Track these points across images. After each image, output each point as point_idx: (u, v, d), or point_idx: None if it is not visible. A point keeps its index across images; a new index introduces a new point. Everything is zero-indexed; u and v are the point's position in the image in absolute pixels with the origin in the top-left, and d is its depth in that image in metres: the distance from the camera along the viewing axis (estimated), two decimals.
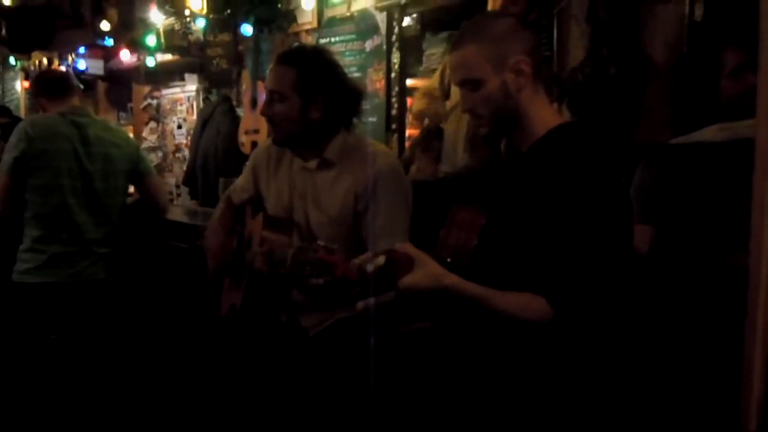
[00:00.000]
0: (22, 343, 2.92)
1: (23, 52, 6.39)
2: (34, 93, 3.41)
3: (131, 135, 6.34)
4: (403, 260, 1.49)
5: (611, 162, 1.56)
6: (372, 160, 2.12)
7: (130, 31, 4.78)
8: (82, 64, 5.70)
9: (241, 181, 2.45)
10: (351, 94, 2.20)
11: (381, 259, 1.42)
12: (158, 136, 6.18)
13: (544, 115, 1.64)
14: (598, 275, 1.48)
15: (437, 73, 3.41)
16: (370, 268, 1.40)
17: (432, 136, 3.36)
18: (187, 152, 5.58)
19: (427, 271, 1.48)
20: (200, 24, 4.41)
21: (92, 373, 2.95)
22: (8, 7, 5.80)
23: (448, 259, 1.58)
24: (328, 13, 4.54)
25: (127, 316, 3.11)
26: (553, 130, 1.61)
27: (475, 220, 1.62)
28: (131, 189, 3.22)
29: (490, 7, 3.14)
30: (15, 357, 2.93)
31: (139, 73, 5.71)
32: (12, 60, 7.06)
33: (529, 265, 1.52)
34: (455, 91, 3.07)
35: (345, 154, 2.17)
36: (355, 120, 2.23)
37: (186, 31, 4.61)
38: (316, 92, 2.11)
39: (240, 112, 4.87)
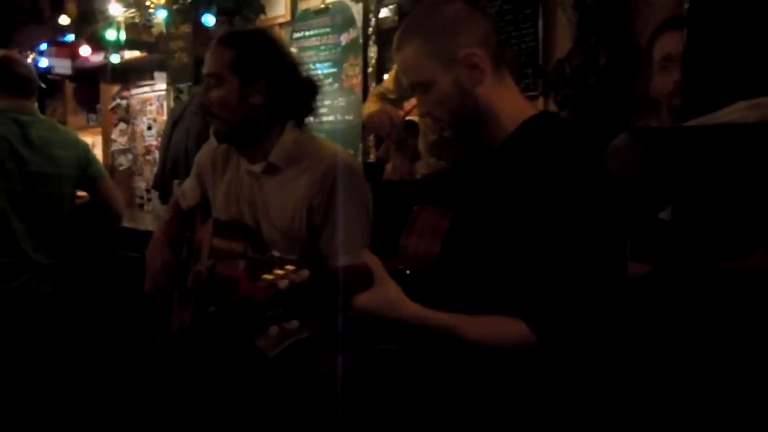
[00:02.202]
0: None
1: None
2: None
3: (100, 137, 6.17)
4: (362, 275, 1.30)
5: (593, 154, 1.37)
6: (326, 166, 1.88)
7: (90, 25, 4.55)
8: (44, 62, 5.45)
9: (188, 185, 2.20)
10: (301, 84, 1.96)
11: (303, 274, 1.19)
12: (128, 138, 6.02)
13: (513, 107, 1.44)
14: (586, 289, 1.28)
15: (392, 73, 3.12)
16: (282, 284, 1.15)
17: (408, 132, 3.11)
18: (157, 155, 5.38)
19: (382, 295, 1.30)
20: (162, 15, 4.18)
21: (37, 393, 2.70)
22: None
23: (407, 271, 1.38)
24: (302, 5, 4.41)
25: (76, 331, 2.86)
26: (525, 122, 1.41)
27: (438, 224, 1.41)
28: None
29: None
30: None
31: (106, 72, 5.47)
32: None
33: (500, 278, 1.33)
34: None
35: (295, 158, 1.93)
36: (310, 119, 1.99)
37: (147, 23, 4.37)
38: (257, 73, 1.87)
39: None
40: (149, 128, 5.77)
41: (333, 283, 1.27)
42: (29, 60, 5.64)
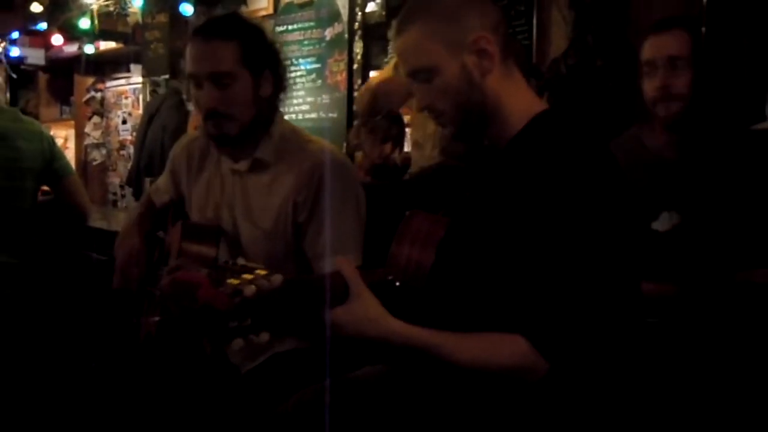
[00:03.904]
0: None
1: None
2: None
3: (73, 131, 5.99)
4: (336, 286, 1.16)
5: (608, 156, 1.24)
6: (314, 160, 1.75)
7: (62, 13, 4.39)
8: (15, 52, 5.28)
9: (162, 181, 2.05)
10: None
11: (275, 279, 1.03)
12: (102, 132, 5.87)
13: (522, 102, 1.31)
14: (598, 303, 1.15)
15: (391, 64, 2.96)
16: (249, 291, 1.01)
17: (377, 112, 2.93)
18: (132, 150, 5.28)
19: (359, 311, 1.16)
20: (137, 4, 4.01)
21: None
22: None
23: (397, 283, 1.25)
24: None
25: (39, 338, 2.69)
26: (535, 119, 1.29)
27: (432, 232, 1.28)
28: None
29: None
30: None
31: (81, 63, 5.31)
32: None
33: (500, 292, 1.20)
34: None
35: (282, 153, 1.79)
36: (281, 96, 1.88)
37: (122, 12, 4.20)
38: (262, 63, 1.77)
39: (190, 106, 4.49)
40: (124, 122, 5.63)
41: (312, 291, 1.13)
42: (0, 49, 5.48)
